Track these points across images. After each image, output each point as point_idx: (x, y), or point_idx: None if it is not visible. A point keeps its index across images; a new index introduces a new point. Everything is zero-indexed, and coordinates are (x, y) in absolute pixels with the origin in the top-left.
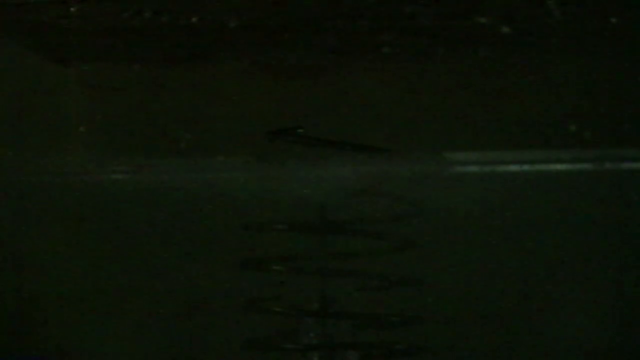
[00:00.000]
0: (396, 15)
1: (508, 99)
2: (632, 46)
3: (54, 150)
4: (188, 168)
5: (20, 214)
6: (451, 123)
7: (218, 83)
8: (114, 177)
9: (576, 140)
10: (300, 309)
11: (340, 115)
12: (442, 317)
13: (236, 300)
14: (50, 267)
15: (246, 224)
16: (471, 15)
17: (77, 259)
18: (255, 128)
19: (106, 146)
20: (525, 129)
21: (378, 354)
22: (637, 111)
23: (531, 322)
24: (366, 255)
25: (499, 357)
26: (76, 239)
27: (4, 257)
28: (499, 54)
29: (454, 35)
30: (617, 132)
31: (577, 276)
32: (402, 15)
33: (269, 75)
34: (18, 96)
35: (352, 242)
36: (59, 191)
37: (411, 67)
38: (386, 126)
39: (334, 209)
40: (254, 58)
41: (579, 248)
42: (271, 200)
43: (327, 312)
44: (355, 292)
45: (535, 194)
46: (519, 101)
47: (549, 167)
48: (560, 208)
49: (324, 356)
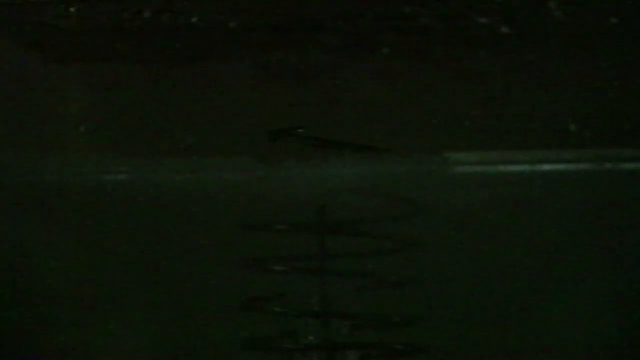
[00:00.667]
0: (396, 15)
1: (508, 99)
2: (632, 46)
3: (54, 150)
4: (188, 168)
5: (20, 214)
6: (451, 123)
7: (218, 83)
8: (114, 177)
9: (576, 140)
10: (300, 309)
11: (340, 115)
12: (442, 317)
13: (236, 300)
14: (50, 267)
15: (246, 224)
16: (471, 15)
17: (76, 259)
18: (255, 128)
19: (106, 146)
20: (525, 129)
21: (378, 354)
22: (637, 111)
23: (531, 321)
24: (366, 255)
25: (499, 357)
26: (76, 238)
27: (3, 257)
28: (499, 54)
29: (454, 35)
30: (617, 132)
31: (578, 276)
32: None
33: (269, 75)
34: (18, 96)
35: (352, 242)
36: (59, 191)
37: (411, 67)
38: (386, 126)
39: (334, 209)
40: (254, 58)
41: (579, 248)
42: (271, 200)
43: (327, 312)
44: (355, 292)
45: (535, 194)
46: (519, 101)
47: (549, 167)
48: (560, 208)
49: (324, 356)
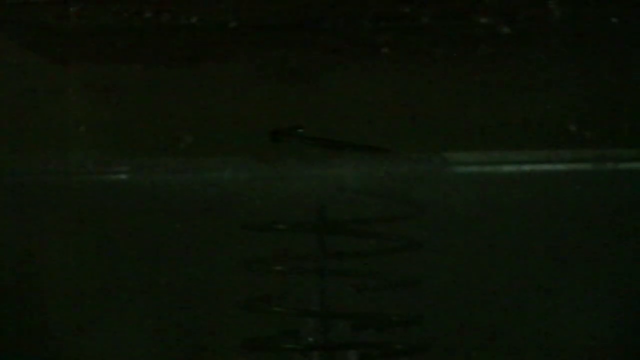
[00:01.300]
0: (396, 15)
1: (508, 99)
2: (632, 46)
3: (54, 150)
4: (188, 168)
5: (20, 214)
6: (451, 123)
7: (218, 83)
8: (114, 177)
9: (576, 140)
10: (300, 309)
11: (340, 115)
12: (442, 317)
13: (237, 300)
14: (50, 267)
15: (246, 224)
16: (471, 15)
17: (76, 259)
18: (255, 128)
19: (106, 146)
20: (525, 129)
21: (378, 354)
22: (637, 111)
23: (532, 321)
24: (366, 255)
25: (499, 357)
26: (76, 238)
27: (3, 257)
28: (499, 54)
29: (454, 35)
30: (617, 132)
31: (578, 276)
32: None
33: (269, 75)
34: (18, 96)
35: (352, 242)
36: (59, 191)
37: (411, 67)
38: (386, 126)
39: (334, 209)
40: (254, 58)
41: (579, 248)
42: (271, 200)
43: (327, 312)
44: (355, 292)
45: (535, 194)
46: (519, 101)
47: (549, 167)
48: (560, 208)
49: (324, 356)
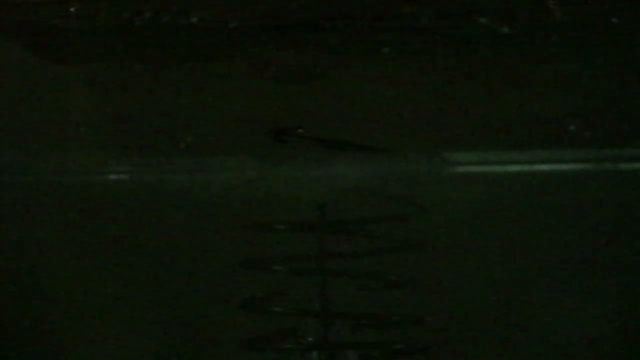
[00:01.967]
0: (396, 15)
1: (508, 98)
2: (632, 46)
3: (54, 150)
4: (188, 168)
5: (20, 214)
6: (451, 123)
7: (218, 83)
8: (114, 177)
9: (576, 140)
10: (300, 309)
11: (340, 115)
12: (442, 317)
13: (236, 300)
14: (50, 267)
15: (246, 224)
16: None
17: (76, 258)
18: (255, 128)
19: (106, 146)
20: (526, 129)
21: (378, 354)
22: (637, 111)
23: (532, 321)
24: (366, 255)
25: (499, 357)
26: (76, 238)
27: (3, 257)
28: (499, 54)
29: (454, 35)
30: (617, 132)
31: (577, 276)
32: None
33: (269, 75)
34: (18, 96)
35: (352, 242)
36: (59, 191)
37: (411, 67)
38: (386, 126)
39: (334, 209)
40: (254, 58)
41: (578, 247)
42: (271, 200)
43: (327, 312)
44: (355, 292)
45: (536, 194)
46: (519, 101)
47: (548, 167)
48: (560, 208)
49: (324, 356)
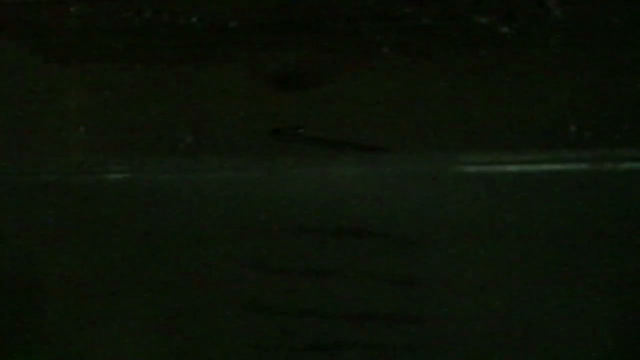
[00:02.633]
0: (396, 15)
1: (508, 99)
2: (632, 46)
3: (54, 150)
4: (188, 168)
5: (20, 214)
6: (451, 123)
7: (218, 83)
8: (114, 177)
9: (576, 140)
10: (300, 308)
11: (341, 115)
12: (442, 317)
13: (237, 300)
14: (50, 267)
15: (246, 224)
16: (471, 15)
17: (76, 258)
18: (255, 128)
19: (106, 146)
20: (525, 129)
21: (378, 354)
22: (637, 111)
23: (532, 321)
24: (366, 255)
25: (499, 357)
26: (75, 238)
27: (3, 256)
28: (499, 54)
29: (454, 35)
30: (617, 132)
31: (577, 276)
32: (402, 15)
33: (269, 75)
34: (18, 96)
35: (352, 242)
36: (59, 191)
37: (411, 67)
38: (386, 126)
39: (334, 209)
40: (254, 58)
41: (578, 248)
42: (271, 200)
43: (327, 312)
44: (354, 292)
45: (536, 194)
46: (519, 101)
47: (548, 167)
48: (560, 208)
49: (324, 356)
